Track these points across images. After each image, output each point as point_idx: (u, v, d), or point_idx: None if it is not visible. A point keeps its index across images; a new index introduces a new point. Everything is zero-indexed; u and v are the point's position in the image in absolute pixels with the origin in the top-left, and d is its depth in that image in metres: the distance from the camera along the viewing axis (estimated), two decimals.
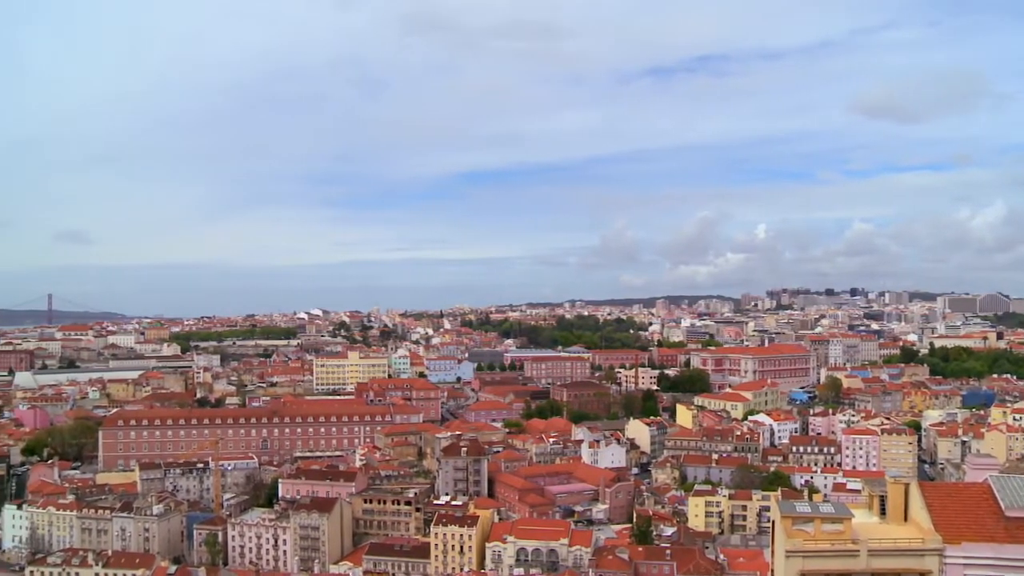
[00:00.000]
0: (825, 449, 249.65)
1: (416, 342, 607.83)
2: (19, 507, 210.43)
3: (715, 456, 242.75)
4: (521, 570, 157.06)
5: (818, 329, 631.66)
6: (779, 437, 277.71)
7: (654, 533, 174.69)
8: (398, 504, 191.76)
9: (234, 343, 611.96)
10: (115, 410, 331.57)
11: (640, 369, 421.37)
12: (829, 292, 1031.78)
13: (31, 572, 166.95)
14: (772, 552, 52.92)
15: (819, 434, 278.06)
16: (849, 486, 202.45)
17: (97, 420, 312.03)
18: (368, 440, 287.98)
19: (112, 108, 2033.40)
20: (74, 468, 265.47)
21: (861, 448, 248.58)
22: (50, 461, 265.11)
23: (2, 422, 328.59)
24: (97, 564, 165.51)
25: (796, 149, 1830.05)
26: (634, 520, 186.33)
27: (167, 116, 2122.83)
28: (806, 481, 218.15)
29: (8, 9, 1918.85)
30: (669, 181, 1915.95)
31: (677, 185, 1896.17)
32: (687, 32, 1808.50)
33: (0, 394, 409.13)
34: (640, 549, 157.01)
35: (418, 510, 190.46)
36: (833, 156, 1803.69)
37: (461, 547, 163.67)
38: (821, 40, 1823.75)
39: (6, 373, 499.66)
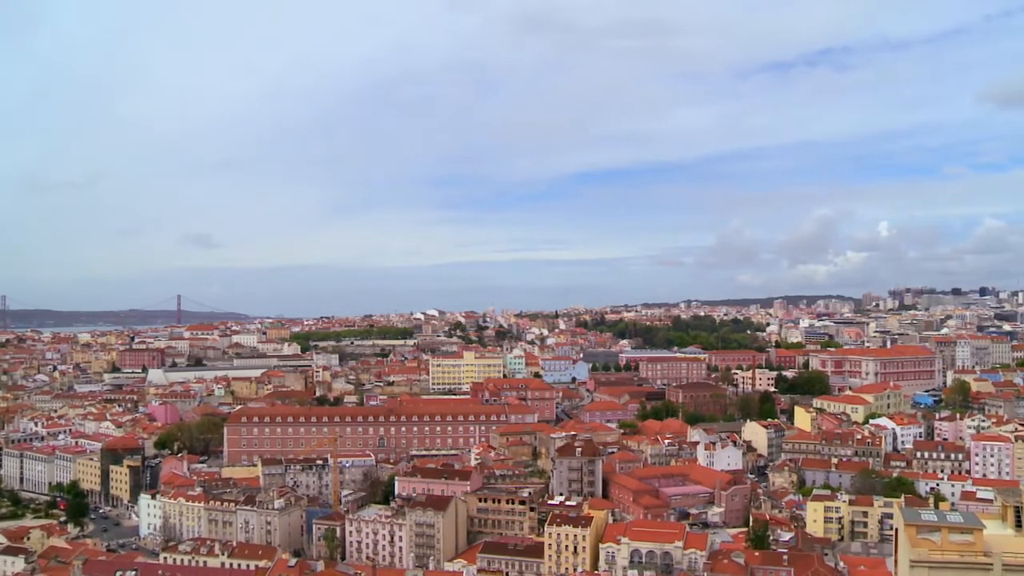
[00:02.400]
0: (952, 455, 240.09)
1: (531, 342, 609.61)
2: (153, 497, 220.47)
3: (835, 460, 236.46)
4: (635, 572, 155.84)
5: (944, 330, 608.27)
6: (902, 442, 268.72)
7: (771, 538, 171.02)
8: (512, 503, 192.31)
9: (352, 343, 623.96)
10: (239, 407, 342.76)
11: (757, 370, 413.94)
12: (956, 292, 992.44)
13: (164, 558, 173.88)
14: (895, 561, 51.26)
15: (945, 439, 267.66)
16: (979, 495, 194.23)
17: (222, 416, 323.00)
18: (483, 439, 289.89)
19: (235, 116, 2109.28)
20: (201, 462, 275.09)
21: (992, 455, 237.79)
22: (180, 455, 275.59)
23: (137, 416, 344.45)
24: (223, 554, 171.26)
25: (921, 143, 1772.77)
26: (750, 524, 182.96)
27: (287, 122, 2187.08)
28: (932, 488, 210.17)
29: (139, 25, 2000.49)
30: (788, 179, 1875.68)
31: (796, 183, 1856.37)
32: (807, 25, 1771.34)
33: (135, 390, 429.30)
34: (756, 554, 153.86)
35: (532, 510, 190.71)
36: (961, 149, 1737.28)
37: (575, 548, 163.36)
38: (952, 27, 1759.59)
39: (140, 370, 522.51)
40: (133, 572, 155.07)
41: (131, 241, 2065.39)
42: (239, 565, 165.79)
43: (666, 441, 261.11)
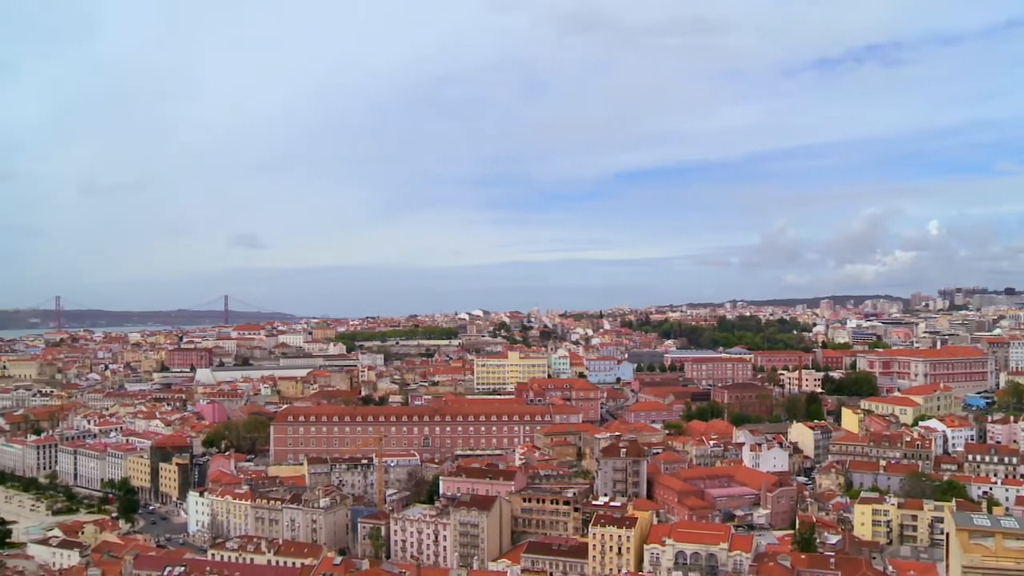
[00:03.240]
0: (1006, 459, 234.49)
1: (576, 342, 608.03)
2: (201, 494, 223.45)
3: (883, 462, 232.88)
4: (679, 573, 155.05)
5: (997, 331, 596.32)
6: (953, 444, 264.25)
7: (818, 541, 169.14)
8: (557, 504, 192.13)
9: (397, 343, 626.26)
10: (285, 407, 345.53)
11: (804, 371, 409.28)
12: (1009, 291, 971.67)
13: (212, 555, 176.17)
14: (947, 567, 50.34)
15: (998, 442, 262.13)
16: None
17: (269, 416, 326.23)
18: (528, 439, 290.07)
19: (281, 117, 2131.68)
20: (248, 460, 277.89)
21: None
22: (227, 453, 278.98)
23: (186, 415, 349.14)
24: (269, 551, 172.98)
25: (973, 139, 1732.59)
26: (797, 526, 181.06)
27: (332, 123, 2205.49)
28: (984, 493, 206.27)
29: (188, 30, 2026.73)
30: (834, 177, 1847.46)
31: (843, 181, 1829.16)
32: (855, 20, 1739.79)
33: (183, 389, 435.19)
34: (803, 557, 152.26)
35: (576, 510, 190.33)
36: (1015, 146, 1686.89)
37: (619, 548, 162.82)
38: (1005, 20, 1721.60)
39: (188, 370, 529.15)
40: (182, 568, 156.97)
41: (180, 242, 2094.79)
42: (285, 563, 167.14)
43: (711, 442, 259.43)
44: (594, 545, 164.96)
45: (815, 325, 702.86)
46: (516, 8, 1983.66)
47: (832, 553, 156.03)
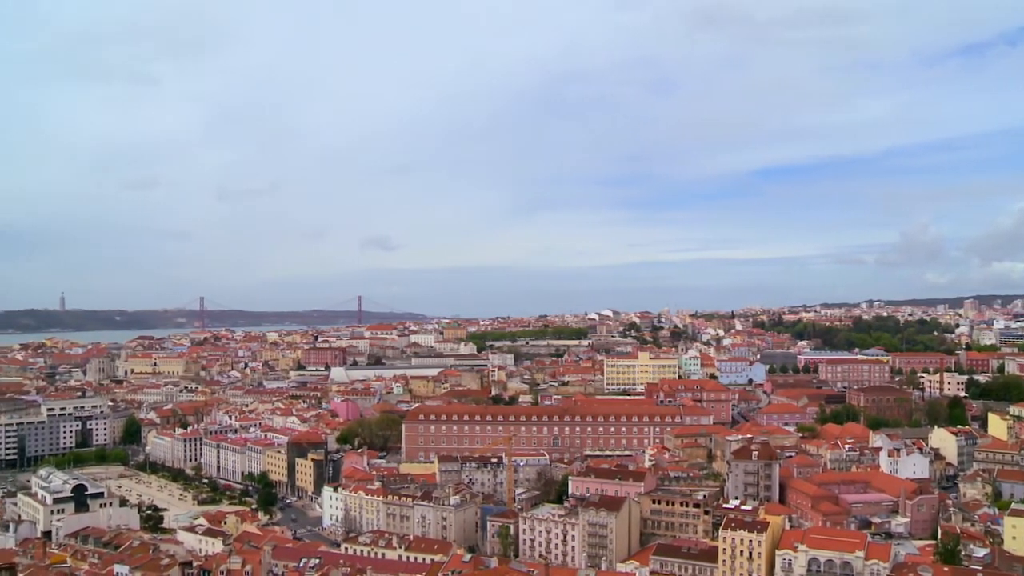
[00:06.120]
0: None
1: (707, 343, 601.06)
2: (335, 490, 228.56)
3: None
4: None
5: None
6: None
7: (962, 553, 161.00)
8: (686, 506, 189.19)
9: (527, 343, 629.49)
10: (416, 405, 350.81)
11: (946, 374, 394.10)
12: None
13: (345, 548, 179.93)
14: None
15: None
16: None
17: (400, 414, 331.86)
18: (657, 440, 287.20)
19: (411, 120, 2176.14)
20: (380, 457, 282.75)
21: None
22: (360, 450, 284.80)
23: (321, 412, 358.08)
24: (400, 547, 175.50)
25: None
26: (939, 537, 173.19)
27: (459, 126, 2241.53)
28: None
29: (318, 38, 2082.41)
30: (980, 170, 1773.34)
31: (990, 174, 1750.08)
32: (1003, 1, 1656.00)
33: (318, 387, 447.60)
34: (946, 569, 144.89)
35: (707, 513, 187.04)
36: None
37: (750, 553, 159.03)
38: None
39: (323, 368, 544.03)
40: (317, 560, 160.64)
41: (314, 244, 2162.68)
42: (416, 558, 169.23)
43: (846, 446, 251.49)
44: (724, 549, 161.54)
45: (958, 326, 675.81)
46: (641, 5, 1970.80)
47: (980, 567, 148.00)
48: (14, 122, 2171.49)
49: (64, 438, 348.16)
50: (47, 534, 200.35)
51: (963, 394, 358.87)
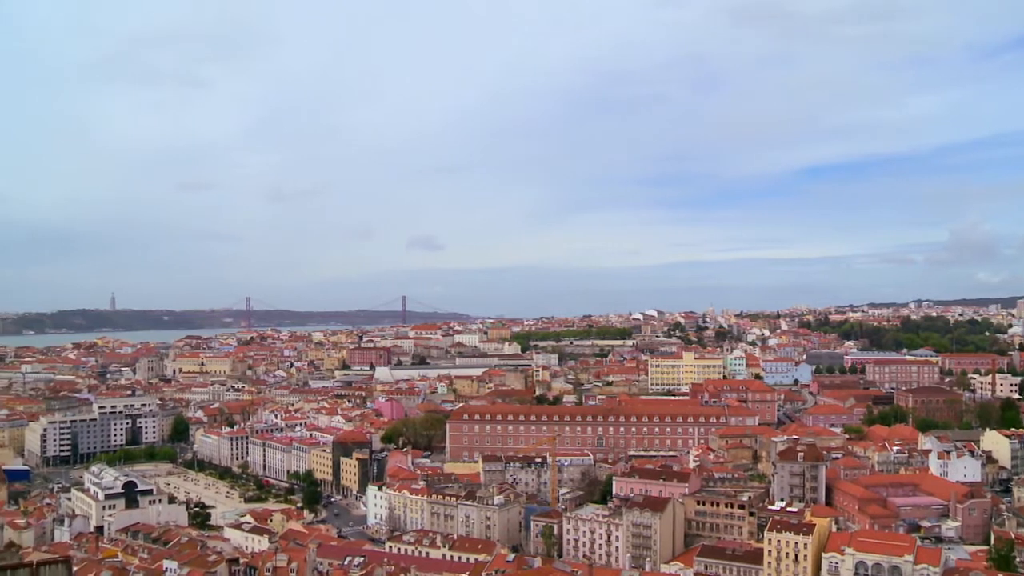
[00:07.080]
0: None
1: (752, 343, 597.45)
2: (380, 488, 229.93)
3: None
4: None
5: None
6: None
7: (1017, 559, 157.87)
8: (731, 507, 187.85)
9: (571, 343, 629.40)
10: (460, 405, 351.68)
11: (998, 375, 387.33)
12: None
13: (390, 547, 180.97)
14: None
15: None
16: None
17: (444, 413, 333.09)
18: (702, 441, 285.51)
19: (456, 121, 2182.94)
20: (424, 457, 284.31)
21: None
22: (404, 449, 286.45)
23: (365, 411, 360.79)
24: (444, 546, 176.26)
25: None
26: (992, 542, 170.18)
27: (504, 126, 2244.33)
28: None
29: (365, 40, 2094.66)
30: None
31: None
32: None
33: (363, 387, 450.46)
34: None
35: (752, 514, 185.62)
36: None
37: (795, 555, 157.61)
38: None
39: (368, 368, 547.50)
40: (362, 558, 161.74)
41: (360, 245, 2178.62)
42: (459, 558, 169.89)
43: (895, 448, 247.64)
44: (769, 551, 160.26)
45: (1011, 326, 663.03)
46: (686, 2, 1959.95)
47: None
48: (69, 127, 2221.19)
49: (115, 436, 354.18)
50: (99, 529, 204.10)
51: (1017, 396, 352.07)
